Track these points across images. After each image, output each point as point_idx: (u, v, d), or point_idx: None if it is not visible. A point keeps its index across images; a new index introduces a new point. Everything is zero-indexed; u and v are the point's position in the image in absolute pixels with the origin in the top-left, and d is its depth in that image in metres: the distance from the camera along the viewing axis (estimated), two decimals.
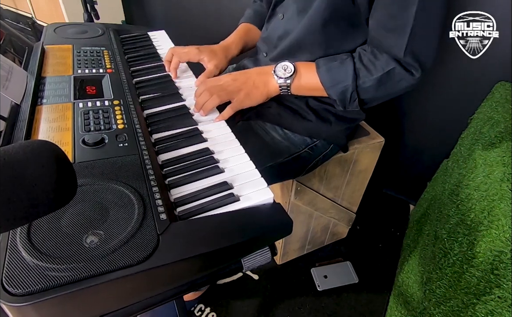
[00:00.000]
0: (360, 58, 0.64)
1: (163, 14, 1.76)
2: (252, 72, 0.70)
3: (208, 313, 1.01)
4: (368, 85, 0.63)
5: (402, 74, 0.61)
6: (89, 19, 1.45)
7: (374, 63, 0.62)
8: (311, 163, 0.81)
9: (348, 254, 1.21)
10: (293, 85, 0.68)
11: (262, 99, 0.69)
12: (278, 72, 0.67)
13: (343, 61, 0.65)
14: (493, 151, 0.73)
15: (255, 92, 0.68)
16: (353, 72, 0.63)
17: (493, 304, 0.49)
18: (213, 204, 0.45)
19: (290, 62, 0.67)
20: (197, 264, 0.39)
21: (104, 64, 0.71)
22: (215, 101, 0.63)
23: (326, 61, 0.66)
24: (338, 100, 0.67)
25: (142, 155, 0.48)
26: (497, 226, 0.57)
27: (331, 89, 0.65)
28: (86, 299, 0.33)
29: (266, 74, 0.69)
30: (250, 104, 0.68)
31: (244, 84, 0.67)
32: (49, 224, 0.36)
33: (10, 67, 0.57)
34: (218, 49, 0.81)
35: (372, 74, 0.62)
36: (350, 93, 0.64)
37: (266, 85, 0.68)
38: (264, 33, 0.82)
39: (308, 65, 0.68)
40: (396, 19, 0.58)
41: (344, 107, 0.68)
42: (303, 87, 0.69)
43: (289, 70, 0.67)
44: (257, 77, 0.69)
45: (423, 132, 1.21)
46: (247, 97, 0.67)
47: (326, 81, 0.65)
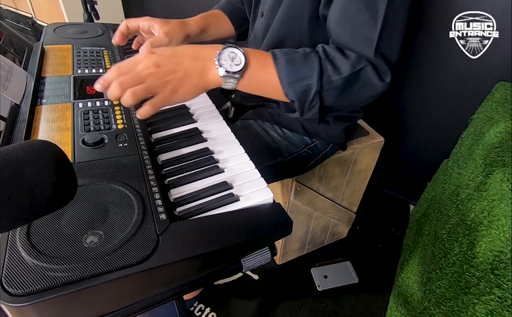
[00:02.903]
0: (326, 53, 0.54)
1: (163, 14, 1.76)
2: (185, 53, 0.51)
3: (208, 313, 1.01)
4: (334, 86, 0.53)
5: (372, 77, 0.53)
6: (89, 19, 1.45)
7: (342, 60, 0.53)
8: (310, 163, 0.81)
9: (348, 254, 1.21)
10: (241, 81, 0.52)
11: (196, 93, 0.52)
12: (223, 62, 0.50)
13: (307, 54, 0.54)
14: (493, 152, 0.73)
15: (187, 85, 0.50)
16: (319, 68, 0.52)
17: (493, 304, 0.49)
18: (213, 204, 0.45)
19: (240, 49, 0.52)
20: (197, 264, 0.39)
21: (104, 64, 0.71)
22: (129, 101, 0.45)
23: (286, 52, 0.54)
24: (297, 102, 0.54)
25: (141, 155, 0.48)
26: (497, 226, 0.57)
27: (290, 87, 0.53)
28: (86, 299, 0.33)
29: (204, 61, 0.51)
30: (180, 101, 0.51)
31: (171, 74, 0.48)
32: (49, 224, 0.36)
33: (10, 67, 0.57)
34: (174, 20, 0.72)
35: (340, 72, 0.52)
36: (313, 94, 0.53)
37: (204, 76, 0.51)
38: (251, 36, 0.80)
39: (262, 55, 0.54)
40: (364, 14, 0.52)
41: (301, 113, 0.56)
42: (254, 84, 0.54)
43: (238, 60, 0.51)
44: (191, 63, 0.50)
45: (423, 132, 1.21)
46: (175, 93, 0.49)
47: (285, 76, 0.52)
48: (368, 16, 0.52)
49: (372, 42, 0.52)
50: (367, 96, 0.56)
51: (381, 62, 0.53)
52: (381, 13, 0.51)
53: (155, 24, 0.69)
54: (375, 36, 0.52)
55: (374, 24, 0.52)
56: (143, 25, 0.69)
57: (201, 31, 0.78)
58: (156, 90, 0.48)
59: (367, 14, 0.52)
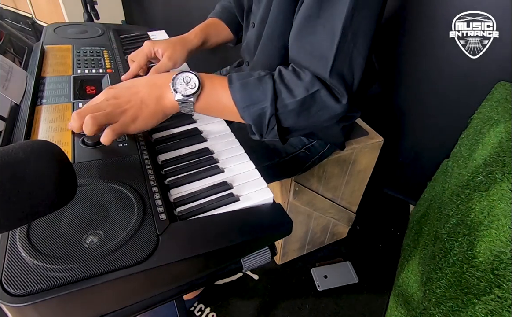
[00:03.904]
0: (280, 76, 0.54)
1: (163, 14, 1.76)
2: (141, 83, 0.53)
3: (208, 313, 1.01)
4: (289, 109, 0.53)
5: (326, 99, 0.52)
6: (89, 19, 1.45)
7: (296, 83, 0.53)
8: (308, 163, 0.81)
9: (348, 254, 1.21)
10: (197, 104, 0.53)
11: (157, 120, 0.52)
12: (178, 86, 0.51)
13: (261, 78, 0.54)
14: (493, 152, 0.73)
15: (145, 112, 0.50)
16: (273, 92, 0.52)
17: (493, 304, 0.49)
18: (213, 204, 0.45)
19: (195, 74, 0.52)
20: (197, 264, 0.39)
21: (104, 64, 0.71)
22: (89, 126, 0.45)
23: (241, 76, 0.55)
24: (253, 125, 0.54)
25: (141, 155, 0.48)
26: (497, 226, 0.57)
27: (245, 111, 0.53)
28: (86, 299, 0.33)
29: (160, 87, 0.52)
30: (140, 129, 0.50)
31: (129, 103, 0.49)
32: (49, 224, 0.36)
33: (10, 67, 0.57)
34: (175, 39, 0.74)
35: (294, 95, 0.52)
36: (268, 118, 0.53)
37: (160, 102, 0.51)
38: (244, 43, 0.81)
39: (218, 79, 0.55)
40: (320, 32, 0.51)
41: (260, 135, 0.56)
42: (211, 107, 0.55)
43: (192, 84, 0.52)
44: (147, 91, 0.51)
45: (423, 132, 1.22)
46: (136, 121, 0.49)
47: (240, 100, 0.53)
48: (325, 35, 0.51)
49: (327, 61, 0.51)
50: (327, 117, 0.55)
51: (337, 83, 0.52)
52: (337, 32, 0.50)
53: (158, 49, 0.70)
54: (331, 55, 0.51)
55: (330, 43, 0.51)
56: (150, 53, 0.70)
57: (202, 43, 0.80)
58: (116, 118, 0.48)
59: (323, 32, 0.51)
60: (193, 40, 0.77)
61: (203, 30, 0.80)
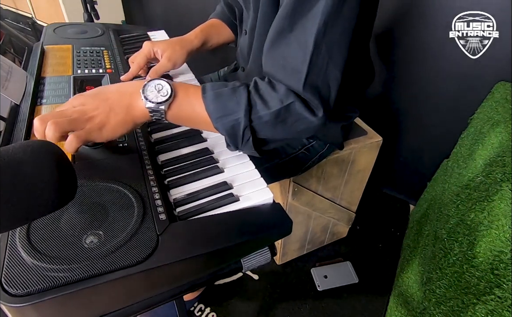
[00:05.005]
0: (256, 87, 0.53)
1: (163, 14, 1.76)
2: (111, 90, 0.50)
3: (208, 313, 1.01)
4: (264, 121, 0.51)
5: (302, 112, 0.51)
6: (89, 19, 1.45)
7: (271, 94, 0.51)
8: (307, 163, 0.81)
9: (348, 254, 1.21)
10: (169, 112, 0.50)
11: (126, 129, 0.48)
12: (149, 94, 0.48)
13: (236, 88, 0.52)
14: (493, 151, 0.73)
15: (114, 120, 0.47)
16: (247, 103, 0.50)
17: (493, 304, 0.49)
18: (213, 204, 0.45)
19: (168, 81, 0.50)
20: (197, 264, 0.39)
21: (104, 64, 0.71)
22: (50, 132, 0.42)
23: (215, 87, 0.52)
24: (228, 136, 0.52)
25: (141, 156, 0.48)
26: (497, 226, 0.57)
27: (219, 122, 0.51)
28: (86, 299, 0.33)
29: (130, 95, 0.49)
30: (108, 138, 0.47)
31: (96, 110, 0.46)
32: (49, 224, 0.36)
33: (10, 67, 0.57)
34: (175, 40, 0.74)
35: (269, 107, 0.50)
36: (243, 129, 0.51)
37: (130, 111, 0.48)
38: (238, 48, 0.80)
39: (192, 89, 0.52)
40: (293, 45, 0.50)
41: (236, 147, 0.54)
42: (183, 116, 0.52)
43: (164, 92, 0.49)
44: (117, 99, 0.48)
45: (423, 132, 1.22)
46: (103, 129, 0.46)
47: (213, 111, 0.51)
48: (298, 48, 0.50)
49: (301, 74, 0.50)
50: (304, 128, 0.54)
51: (311, 96, 0.50)
52: (310, 45, 0.48)
53: (158, 50, 0.70)
54: (304, 69, 0.49)
55: (303, 56, 0.49)
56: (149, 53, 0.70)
57: (203, 44, 0.79)
58: (81, 125, 0.45)
59: (296, 46, 0.50)
60: (193, 41, 0.77)
61: (203, 31, 0.80)
